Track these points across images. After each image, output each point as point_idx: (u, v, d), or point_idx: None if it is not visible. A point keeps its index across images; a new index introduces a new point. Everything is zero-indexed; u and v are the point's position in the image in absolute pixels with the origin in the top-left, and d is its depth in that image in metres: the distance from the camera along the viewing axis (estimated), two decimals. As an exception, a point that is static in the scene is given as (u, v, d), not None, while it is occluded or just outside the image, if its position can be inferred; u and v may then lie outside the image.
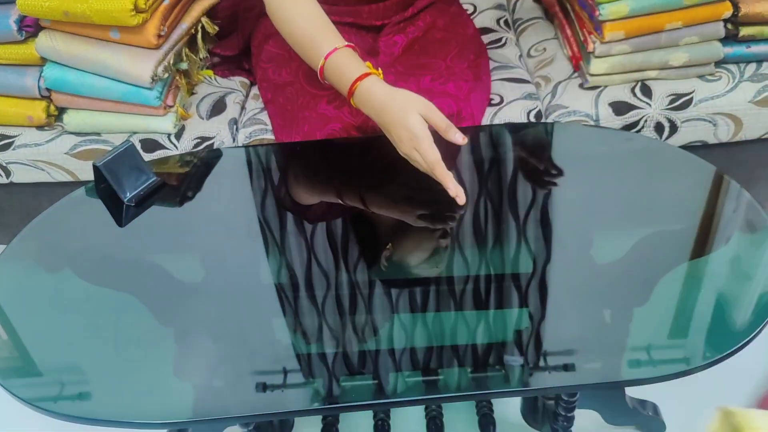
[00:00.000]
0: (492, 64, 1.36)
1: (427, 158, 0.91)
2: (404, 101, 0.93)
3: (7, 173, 1.31)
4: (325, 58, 1.02)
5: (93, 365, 0.81)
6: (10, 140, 1.29)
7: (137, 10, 1.13)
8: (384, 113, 0.95)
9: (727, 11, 1.18)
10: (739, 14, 1.18)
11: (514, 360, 0.77)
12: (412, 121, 0.91)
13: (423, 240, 0.94)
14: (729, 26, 1.21)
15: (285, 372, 0.77)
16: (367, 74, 0.98)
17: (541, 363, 0.76)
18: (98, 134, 1.29)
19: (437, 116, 0.93)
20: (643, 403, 1.06)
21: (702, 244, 0.89)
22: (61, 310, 0.89)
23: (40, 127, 1.31)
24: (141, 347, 0.82)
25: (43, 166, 1.29)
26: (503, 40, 1.45)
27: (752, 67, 1.25)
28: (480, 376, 0.75)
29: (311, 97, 1.14)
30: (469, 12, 1.55)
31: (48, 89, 1.26)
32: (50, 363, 0.82)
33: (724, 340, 0.76)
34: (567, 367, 0.75)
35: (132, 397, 0.77)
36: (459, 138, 0.92)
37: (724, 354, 0.73)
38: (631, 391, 1.06)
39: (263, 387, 0.75)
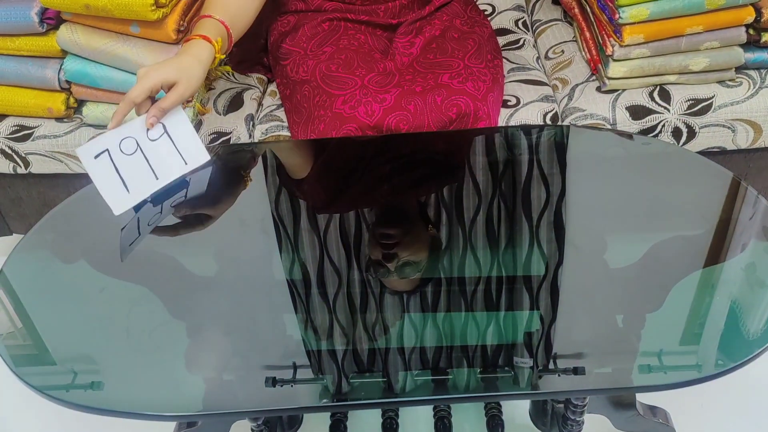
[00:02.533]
0: (509, 66, 1.36)
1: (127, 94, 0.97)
2: (172, 63, 0.99)
3: (26, 164, 1.33)
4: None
5: (105, 356, 0.82)
6: (30, 131, 1.30)
7: (157, 4, 1.14)
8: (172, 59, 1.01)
9: (750, 16, 1.16)
10: (762, 19, 1.17)
11: (525, 362, 0.76)
12: (148, 75, 0.97)
13: (429, 239, 0.94)
14: (751, 31, 1.20)
15: (295, 368, 0.77)
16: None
17: (552, 366, 0.75)
18: (116, 127, 1.30)
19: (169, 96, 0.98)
20: (653, 409, 1.06)
21: (718, 251, 0.88)
22: (75, 300, 0.90)
23: (59, 119, 1.32)
24: (153, 340, 0.83)
25: (62, 157, 1.31)
26: (521, 42, 1.44)
27: (773, 73, 1.24)
28: (489, 378, 0.75)
29: (327, 96, 1.14)
30: (487, 13, 1.54)
31: (68, 81, 1.27)
32: (63, 353, 0.83)
33: (739, 349, 0.75)
34: (578, 371, 0.74)
35: (143, 389, 0.78)
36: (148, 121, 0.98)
37: (738, 363, 0.73)
38: (642, 397, 1.06)
39: (273, 382, 0.75)
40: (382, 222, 0.99)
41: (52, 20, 1.23)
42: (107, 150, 0.97)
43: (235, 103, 1.32)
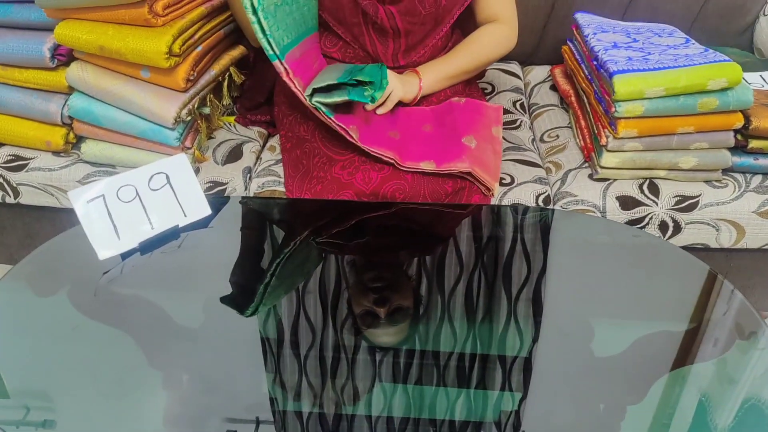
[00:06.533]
0: (505, 144, 1.39)
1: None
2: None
3: (16, 194, 1.33)
4: None
5: (63, 395, 0.80)
6: (25, 162, 1.31)
7: (171, 53, 1.17)
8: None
9: (739, 122, 1.21)
10: (750, 126, 1.21)
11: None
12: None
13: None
14: (739, 137, 1.23)
15: (258, 423, 0.75)
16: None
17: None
18: (113, 166, 1.31)
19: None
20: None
21: (696, 347, 0.88)
22: (46, 339, 0.88)
23: (56, 153, 1.33)
24: (116, 383, 0.81)
25: (53, 191, 1.31)
26: (518, 122, 1.48)
27: (758, 178, 1.27)
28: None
29: (327, 159, 1.16)
30: (486, 91, 1.59)
31: (70, 117, 1.28)
32: (19, 387, 0.81)
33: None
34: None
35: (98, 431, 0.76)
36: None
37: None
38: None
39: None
40: (369, 272, 0.99)
41: (63, 57, 1.26)
42: (102, 195, 0.97)
43: (234, 155, 1.34)
